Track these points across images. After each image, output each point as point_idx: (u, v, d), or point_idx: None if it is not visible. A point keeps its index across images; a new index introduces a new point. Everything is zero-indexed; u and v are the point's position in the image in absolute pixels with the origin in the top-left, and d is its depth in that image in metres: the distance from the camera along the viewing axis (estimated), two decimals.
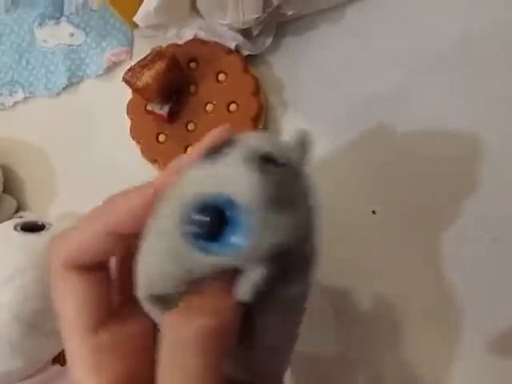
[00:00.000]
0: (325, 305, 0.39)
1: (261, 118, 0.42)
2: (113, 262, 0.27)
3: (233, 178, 0.21)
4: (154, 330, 0.25)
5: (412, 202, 0.39)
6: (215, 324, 0.21)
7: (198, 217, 0.21)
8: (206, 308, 0.22)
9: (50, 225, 0.42)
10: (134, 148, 0.44)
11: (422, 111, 0.40)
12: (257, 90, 0.41)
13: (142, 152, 0.43)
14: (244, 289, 0.22)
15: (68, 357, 0.25)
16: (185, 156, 0.26)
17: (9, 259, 0.39)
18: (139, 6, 0.42)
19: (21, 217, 0.46)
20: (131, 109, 0.44)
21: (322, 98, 0.43)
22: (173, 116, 0.42)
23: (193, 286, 0.23)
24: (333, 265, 0.38)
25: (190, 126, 0.42)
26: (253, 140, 0.22)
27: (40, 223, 0.42)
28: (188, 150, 0.42)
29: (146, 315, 0.25)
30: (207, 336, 0.21)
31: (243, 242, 0.21)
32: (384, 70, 0.41)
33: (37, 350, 0.39)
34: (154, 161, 0.43)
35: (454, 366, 0.37)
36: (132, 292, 0.25)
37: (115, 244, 0.25)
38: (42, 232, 0.41)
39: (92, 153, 0.48)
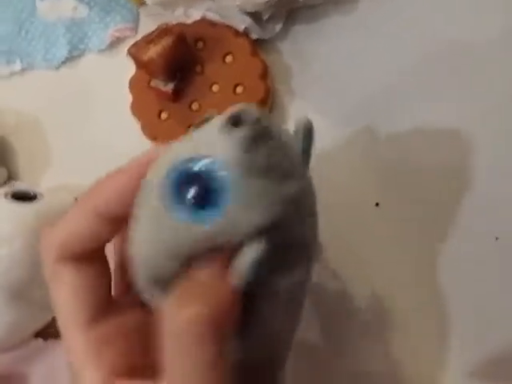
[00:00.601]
0: (321, 293, 0.39)
1: (267, 102, 0.41)
2: (110, 251, 0.27)
3: (211, 142, 0.21)
4: (153, 320, 0.24)
5: (416, 197, 0.39)
6: (210, 311, 0.20)
7: (183, 183, 0.21)
8: (201, 294, 0.21)
9: (42, 195, 0.41)
10: (134, 125, 0.43)
11: (430, 107, 0.40)
12: (265, 74, 0.41)
13: (143, 129, 0.42)
14: (240, 268, 0.21)
15: (66, 349, 0.24)
16: None
17: None
18: None
19: (12, 186, 0.45)
20: (133, 85, 0.43)
21: (329, 89, 0.42)
22: (177, 94, 0.41)
23: (190, 267, 0.22)
24: (335, 255, 0.38)
25: (194, 106, 0.41)
26: (234, 108, 0.22)
27: (32, 193, 0.41)
28: (190, 129, 0.41)
29: (145, 305, 0.24)
30: (202, 324, 0.20)
31: (228, 207, 0.20)
32: (394, 64, 0.41)
33: (20, 321, 0.39)
34: (154, 138, 0.42)
35: (450, 361, 0.37)
36: (130, 281, 0.24)
37: (107, 228, 0.24)
38: (34, 202, 0.40)
39: (89, 127, 0.47)
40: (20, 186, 0.45)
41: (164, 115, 0.42)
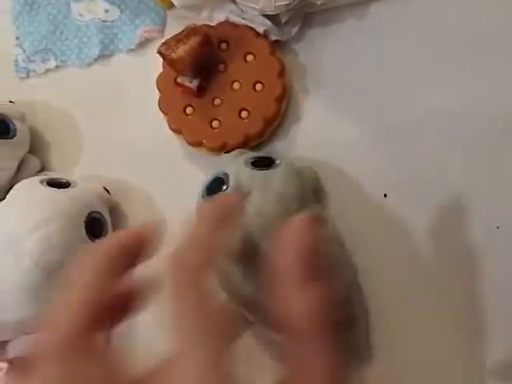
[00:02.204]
0: None
1: (284, 99, 0.44)
2: None
3: None
4: None
5: (421, 189, 0.41)
6: None
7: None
8: None
9: (76, 183, 0.44)
10: (160, 119, 0.46)
11: (439, 104, 0.43)
12: (282, 73, 0.44)
13: (169, 123, 0.45)
14: None
15: None
16: None
17: (35, 209, 0.40)
18: None
19: (46, 175, 0.47)
20: (161, 82, 0.46)
21: (342, 87, 0.45)
22: (201, 90, 0.44)
23: None
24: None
25: (217, 102, 0.44)
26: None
27: (65, 181, 0.44)
28: (213, 123, 0.44)
29: None
30: None
31: None
32: (406, 64, 0.44)
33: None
34: (179, 132, 0.45)
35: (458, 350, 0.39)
36: None
37: None
38: (68, 188, 0.43)
39: (118, 121, 0.50)
40: (54, 175, 0.47)
41: (189, 110, 0.45)
